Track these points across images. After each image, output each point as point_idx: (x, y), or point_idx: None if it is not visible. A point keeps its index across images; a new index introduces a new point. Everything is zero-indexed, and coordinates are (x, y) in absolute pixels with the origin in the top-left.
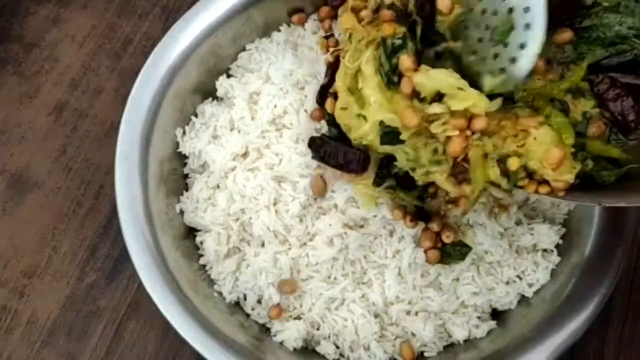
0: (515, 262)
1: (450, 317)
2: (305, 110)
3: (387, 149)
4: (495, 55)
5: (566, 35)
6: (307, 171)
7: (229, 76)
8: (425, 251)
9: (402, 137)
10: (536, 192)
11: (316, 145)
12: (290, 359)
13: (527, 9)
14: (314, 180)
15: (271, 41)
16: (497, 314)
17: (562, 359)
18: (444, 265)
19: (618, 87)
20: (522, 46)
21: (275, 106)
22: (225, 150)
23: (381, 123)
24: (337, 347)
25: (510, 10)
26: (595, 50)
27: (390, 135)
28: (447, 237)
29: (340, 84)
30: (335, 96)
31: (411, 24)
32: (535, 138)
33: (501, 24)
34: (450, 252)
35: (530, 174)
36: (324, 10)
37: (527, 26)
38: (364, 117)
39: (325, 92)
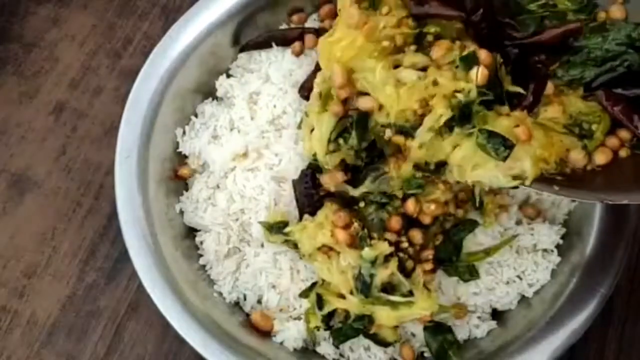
0: (516, 262)
1: (450, 317)
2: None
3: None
4: None
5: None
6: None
7: (228, 76)
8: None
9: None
10: None
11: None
12: (290, 359)
13: None
14: None
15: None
16: (497, 314)
17: (562, 359)
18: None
19: (623, 101)
20: None
21: (274, 106)
22: (225, 150)
23: (314, 153)
24: (337, 347)
25: None
26: (590, 70)
27: (317, 165)
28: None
29: (317, 81)
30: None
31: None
32: None
33: None
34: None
35: None
36: (324, 10)
37: None
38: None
39: (307, 88)
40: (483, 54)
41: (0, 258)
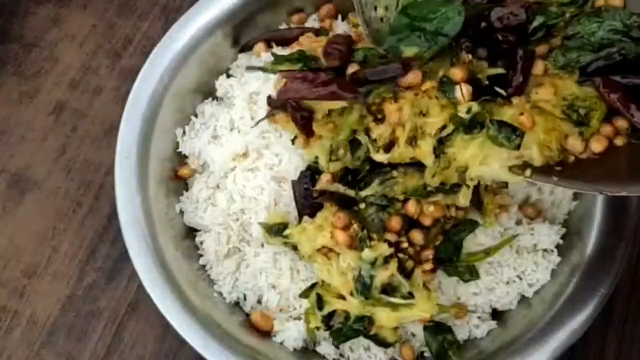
0: (516, 262)
1: (450, 317)
2: None
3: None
4: None
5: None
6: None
7: (228, 76)
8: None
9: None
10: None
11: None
12: (290, 359)
13: None
14: None
15: None
16: (497, 314)
17: (562, 359)
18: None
19: (620, 90)
20: None
21: None
22: (225, 150)
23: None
24: (337, 347)
25: None
26: (586, 55)
27: (317, 167)
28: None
29: None
30: None
31: None
32: None
33: None
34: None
35: None
36: (324, 10)
37: None
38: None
39: None
40: (456, 73)
41: (0, 258)
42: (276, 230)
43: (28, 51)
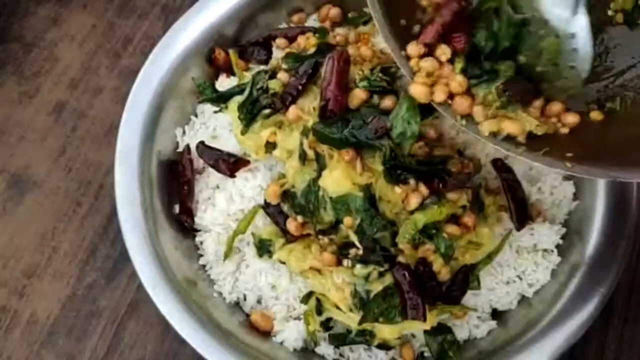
0: (516, 262)
1: (450, 317)
2: None
3: None
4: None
5: None
6: None
7: (228, 76)
8: None
9: None
10: None
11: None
12: (290, 359)
13: (572, 35)
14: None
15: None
16: (497, 314)
17: (562, 359)
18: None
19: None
20: (571, 67)
21: None
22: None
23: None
24: (337, 347)
25: (557, 36)
26: None
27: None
28: None
29: None
30: None
31: None
32: None
33: (549, 46)
34: None
35: None
36: (324, 10)
37: (575, 50)
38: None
39: None
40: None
41: (0, 258)
42: (266, 248)
43: (28, 51)
